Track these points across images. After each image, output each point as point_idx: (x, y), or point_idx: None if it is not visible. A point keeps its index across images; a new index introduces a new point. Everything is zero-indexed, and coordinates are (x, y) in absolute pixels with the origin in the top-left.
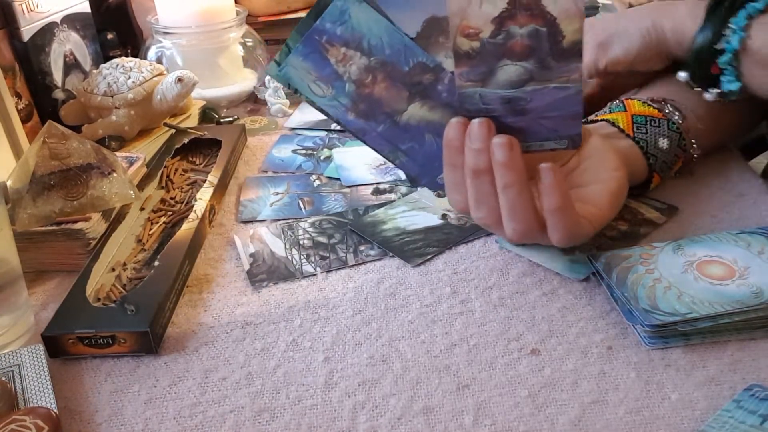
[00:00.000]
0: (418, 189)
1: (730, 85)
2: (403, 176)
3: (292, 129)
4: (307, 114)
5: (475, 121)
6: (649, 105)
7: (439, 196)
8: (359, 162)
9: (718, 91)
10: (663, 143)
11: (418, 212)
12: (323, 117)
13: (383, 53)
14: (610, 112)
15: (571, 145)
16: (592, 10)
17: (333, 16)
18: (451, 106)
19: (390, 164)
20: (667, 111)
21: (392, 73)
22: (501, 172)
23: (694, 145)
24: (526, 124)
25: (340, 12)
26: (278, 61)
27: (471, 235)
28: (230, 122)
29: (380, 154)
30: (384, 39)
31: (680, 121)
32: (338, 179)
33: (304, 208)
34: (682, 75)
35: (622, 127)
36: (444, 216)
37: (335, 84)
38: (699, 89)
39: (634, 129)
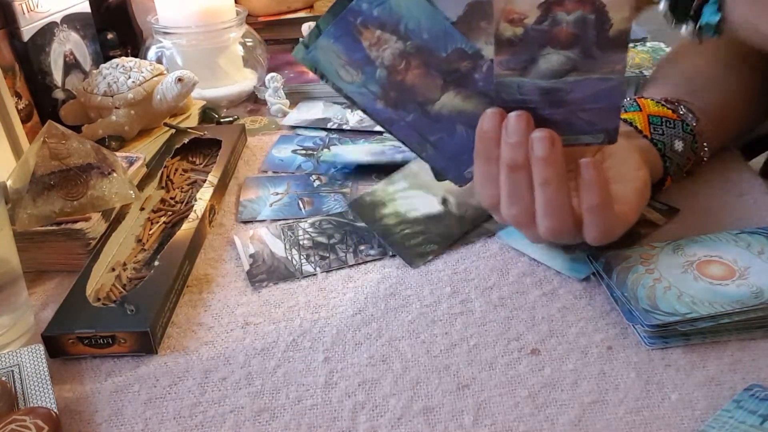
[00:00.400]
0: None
1: (710, 17)
2: (395, 158)
3: (292, 127)
4: (305, 113)
5: (513, 114)
6: (663, 105)
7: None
8: (356, 150)
9: (695, 25)
10: (678, 146)
11: (417, 191)
12: (321, 115)
13: (421, 38)
14: (625, 111)
15: (607, 140)
16: None
17: None
18: (487, 96)
19: (387, 149)
20: (681, 112)
21: (428, 60)
22: (540, 167)
23: (705, 149)
24: (563, 117)
25: None
26: (306, 44)
27: (471, 230)
28: (230, 122)
29: (406, 145)
30: (423, 22)
31: (694, 123)
32: (335, 171)
33: (304, 208)
34: (662, 6)
35: (639, 127)
36: (444, 201)
37: (366, 69)
38: (676, 24)
39: (651, 130)
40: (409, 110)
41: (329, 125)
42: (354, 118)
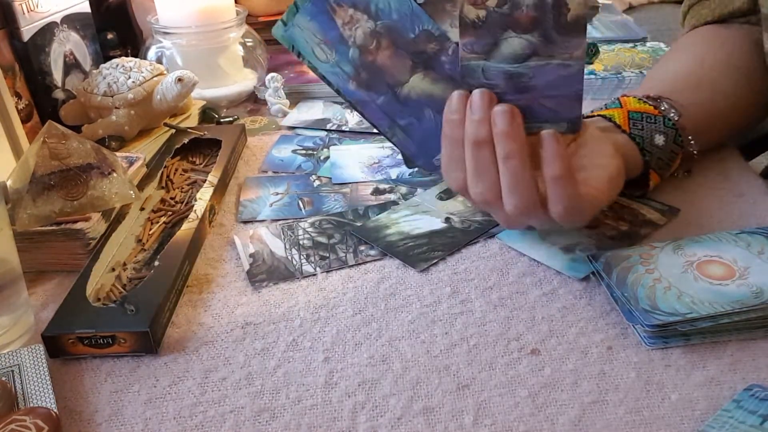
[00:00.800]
0: (418, 195)
1: None
2: (393, 175)
3: (290, 128)
4: (305, 113)
5: (476, 91)
6: (644, 102)
7: (441, 199)
8: (353, 161)
9: None
10: (659, 140)
11: (421, 216)
12: (321, 116)
13: (390, 18)
14: (606, 108)
15: (570, 129)
16: (592, 10)
17: None
18: (454, 80)
19: (382, 163)
20: (663, 108)
21: (397, 40)
22: (502, 141)
23: (692, 142)
24: (527, 103)
25: None
26: (284, 21)
27: (476, 238)
28: (230, 122)
29: (378, 129)
30: (392, 2)
31: (676, 118)
32: (374, 188)
33: (304, 208)
34: None
35: (618, 122)
36: (447, 219)
37: (339, 48)
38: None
39: (630, 125)
40: (380, 92)
41: (329, 126)
42: (353, 118)
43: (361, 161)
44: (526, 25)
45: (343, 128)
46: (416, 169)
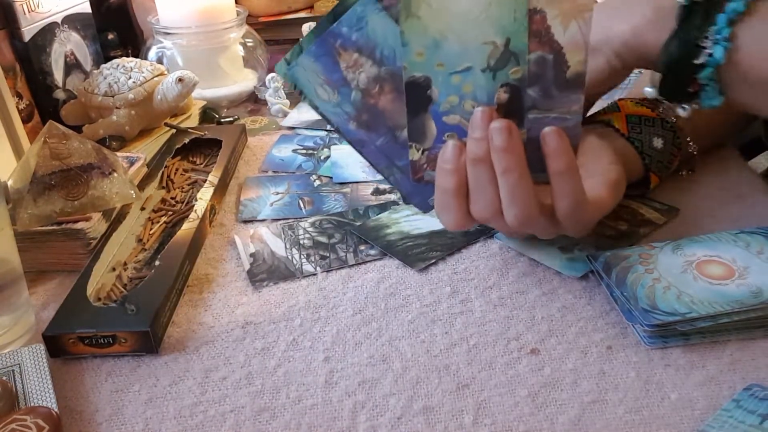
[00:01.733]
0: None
1: (711, 101)
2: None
3: (290, 128)
4: (305, 113)
5: (478, 109)
6: (642, 105)
7: (425, 213)
8: (354, 160)
9: (696, 106)
10: (657, 143)
11: (422, 216)
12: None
13: (394, 64)
14: (605, 112)
15: None
16: None
17: (350, 22)
18: None
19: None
20: (660, 110)
21: (400, 86)
22: (500, 156)
23: (691, 143)
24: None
25: (358, 18)
26: (288, 60)
27: (476, 240)
28: (230, 122)
29: (375, 168)
30: (397, 50)
31: (674, 120)
32: (375, 188)
33: (305, 207)
34: (649, 91)
35: (617, 126)
36: None
37: (342, 90)
38: (670, 104)
39: (629, 129)
40: (380, 133)
41: (328, 126)
42: None
43: (361, 161)
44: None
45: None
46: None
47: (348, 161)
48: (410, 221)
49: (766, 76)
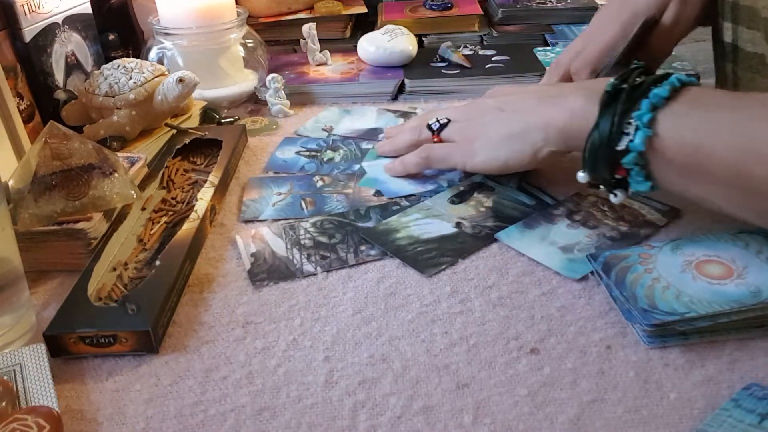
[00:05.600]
0: (429, 198)
1: (639, 186)
2: (444, 185)
3: (343, 137)
4: (357, 121)
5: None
6: None
7: (452, 203)
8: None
9: (626, 192)
10: None
11: (431, 220)
12: (373, 125)
13: None
14: None
15: None
16: (591, 11)
17: None
18: None
19: (426, 172)
20: None
21: None
22: None
23: None
24: None
25: None
26: None
27: (485, 245)
28: (231, 123)
29: None
30: None
31: None
32: (376, 191)
33: (306, 208)
34: (581, 176)
35: None
36: (458, 224)
37: None
38: (602, 189)
39: None
40: None
41: (380, 137)
42: None
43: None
44: None
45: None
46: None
47: (386, 176)
48: (420, 225)
49: (690, 163)
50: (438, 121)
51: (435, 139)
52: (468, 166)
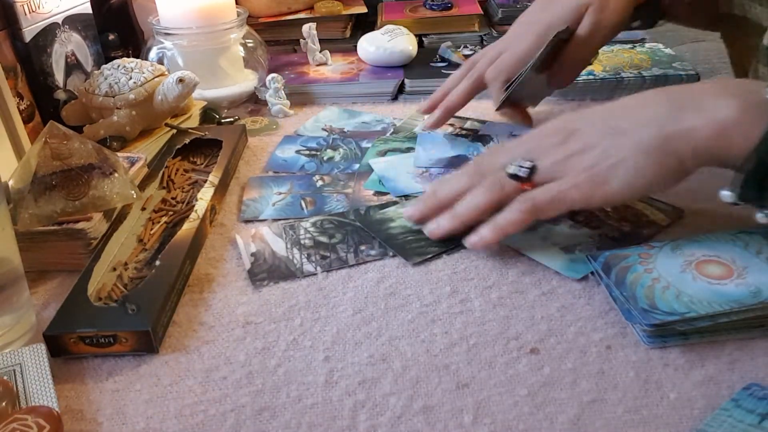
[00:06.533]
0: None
1: None
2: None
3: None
4: (437, 149)
5: None
6: None
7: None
8: (401, 171)
9: None
10: None
11: None
12: (452, 153)
13: None
14: None
15: None
16: None
17: None
18: None
19: (431, 172)
20: None
21: None
22: None
23: None
24: None
25: None
26: None
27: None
28: (231, 123)
29: None
30: None
31: None
32: (383, 191)
33: (306, 208)
34: (727, 195)
35: None
36: None
37: None
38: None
39: None
40: None
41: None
42: None
43: (408, 171)
44: None
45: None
46: None
47: (395, 174)
48: None
49: None
50: (521, 166)
51: (527, 187)
52: (596, 199)
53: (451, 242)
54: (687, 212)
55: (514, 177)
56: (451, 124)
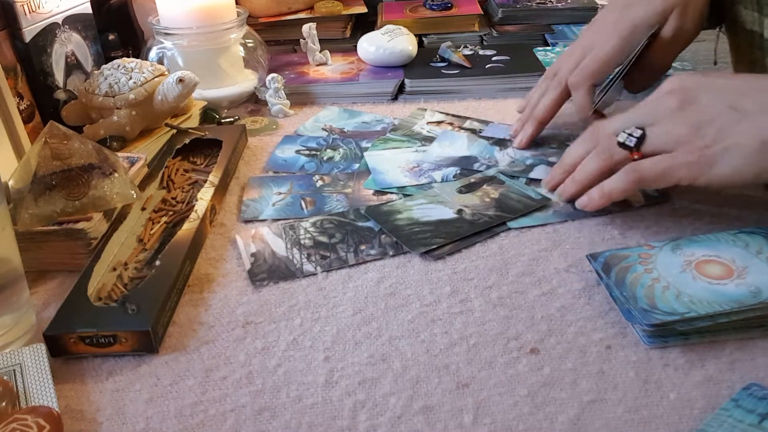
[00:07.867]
0: (438, 185)
1: None
2: (437, 179)
3: (434, 164)
4: (448, 147)
5: None
6: None
7: (460, 192)
8: (392, 165)
9: None
10: None
11: (435, 205)
12: (466, 152)
13: None
14: None
15: None
16: (592, 12)
17: None
18: None
19: (422, 167)
20: None
21: None
22: None
23: None
24: None
25: None
26: None
27: (480, 232)
28: (231, 123)
29: None
30: None
31: None
32: (382, 191)
33: (306, 208)
34: None
35: None
36: (459, 211)
37: None
38: None
39: None
40: None
41: (476, 166)
42: (505, 159)
43: (399, 166)
44: None
45: (482, 167)
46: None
47: (386, 167)
48: (422, 209)
49: None
50: (630, 135)
51: (636, 156)
52: (702, 180)
53: (456, 234)
54: (686, 212)
55: (623, 146)
56: (450, 123)
